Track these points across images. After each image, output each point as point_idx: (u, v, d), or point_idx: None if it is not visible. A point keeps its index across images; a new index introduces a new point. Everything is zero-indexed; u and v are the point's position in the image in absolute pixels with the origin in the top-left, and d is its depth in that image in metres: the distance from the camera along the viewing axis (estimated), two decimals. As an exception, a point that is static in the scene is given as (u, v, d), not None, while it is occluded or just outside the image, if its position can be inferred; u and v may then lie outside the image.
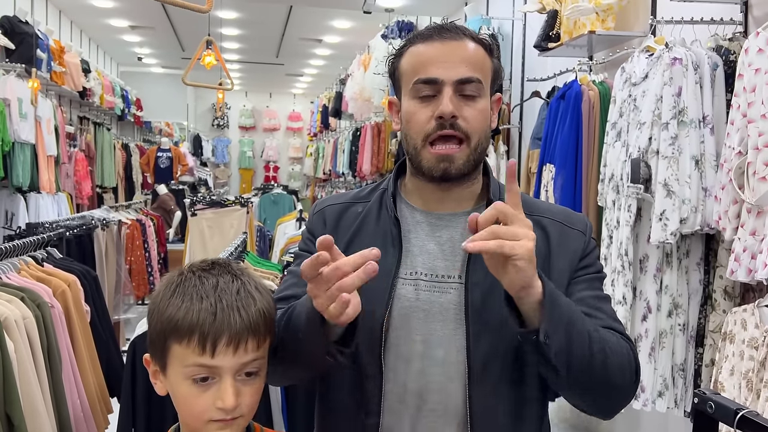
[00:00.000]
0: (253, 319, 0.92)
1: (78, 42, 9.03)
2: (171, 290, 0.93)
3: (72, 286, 2.50)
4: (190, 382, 0.91)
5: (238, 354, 0.90)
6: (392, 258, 1.09)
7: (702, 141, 2.35)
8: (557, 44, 3.44)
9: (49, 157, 5.95)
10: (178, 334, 0.90)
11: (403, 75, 1.12)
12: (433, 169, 1.08)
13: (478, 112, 1.08)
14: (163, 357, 0.93)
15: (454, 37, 1.08)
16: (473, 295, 1.07)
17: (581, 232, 1.16)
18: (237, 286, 0.94)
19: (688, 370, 2.50)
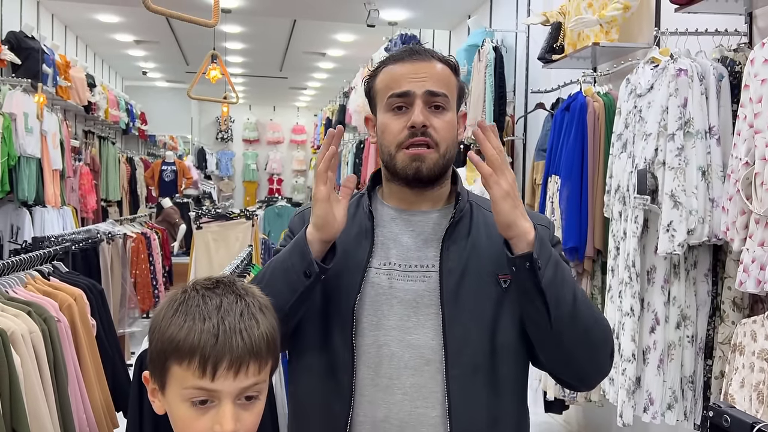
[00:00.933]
0: (256, 343, 0.90)
1: (83, 57, 9.10)
2: (173, 308, 0.91)
3: (78, 300, 2.50)
4: (188, 405, 0.88)
5: (238, 378, 0.88)
6: (364, 249, 1.19)
7: (708, 152, 2.34)
8: (561, 56, 3.44)
9: (54, 171, 5.97)
10: (178, 354, 0.88)
11: (377, 92, 1.23)
12: (407, 167, 1.18)
13: (446, 122, 1.19)
14: (163, 376, 0.91)
15: (423, 58, 1.21)
16: (448, 282, 1.16)
17: (546, 227, 1.26)
18: (241, 308, 0.91)
19: (697, 382, 2.48)
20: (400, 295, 1.17)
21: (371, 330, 1.16)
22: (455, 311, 1.15)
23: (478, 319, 1.15)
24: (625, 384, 2.53)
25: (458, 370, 1.13)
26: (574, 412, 3.96)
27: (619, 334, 2.62)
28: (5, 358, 1.82)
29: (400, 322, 1.16)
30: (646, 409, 2.52)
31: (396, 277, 1.18)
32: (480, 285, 1.17)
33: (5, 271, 2.38)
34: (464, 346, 1.14)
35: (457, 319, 1.14)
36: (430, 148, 1.17)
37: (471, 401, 1.14)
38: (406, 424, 1.14)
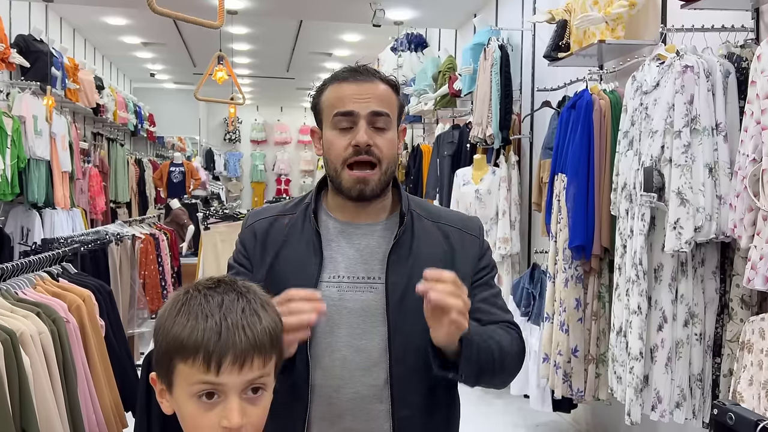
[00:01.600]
0: (259, 338, 0.91)
1: (92, 59, 9.15)
2: (176, 309, 0.93)
3: (87, 300, 2.52)
4: (195, 400, 0.90)
5: (243, 372, 0.90)
6: (314, 265, 1.28)
7: (715, 149, 2.33)
8: (567, 54, 3.44)
9: (63, 173, 6.01)
10: (183, 353, 0.89)
11: (323, 109, 1.30)
12: (351, 189, 1.27)
13: (388, 141, 1.27)
14: (169, 376, 0.92)
15: (367, 79, 1.28)
16: (393, 294, 1.26)
17: (476, 237, 1.38)
18: (242, 305, 0.93)
19: (705, 380, 2.46)
20: (349, 306, 1.27)
21: (324, 337, 1.26)
22: (399, 321, 1.26)
23: (420, 327, 1.21)
24: (633, 382, 2.52)
25: (400, 371, 1.26)
26: (582, 411, 3.95)
27: (626, 332, 2.61)
28: (15, 359, 1.83)
29: (350, 329, 1.27)
30: (654, 408, 2.51)
31: (345, 288, 1.28)
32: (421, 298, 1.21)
33: (15, 273, 2.40)
34: (406, 352, 1.25)
35: (400, 328, 1.26)
36: (374, 167, 1.26)
37: (410, 396, 1.27)
38: (358, 417, 1.26)
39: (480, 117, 4.48)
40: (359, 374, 1.26)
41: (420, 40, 7.00)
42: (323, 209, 1.35)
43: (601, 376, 3.10)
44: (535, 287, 3.78)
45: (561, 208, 3.20)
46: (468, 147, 4.90)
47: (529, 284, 3.83)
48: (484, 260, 1.37)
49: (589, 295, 3.14)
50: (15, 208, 5.52)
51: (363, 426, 1.27)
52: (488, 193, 4.42)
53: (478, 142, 4.60)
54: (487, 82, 4.39)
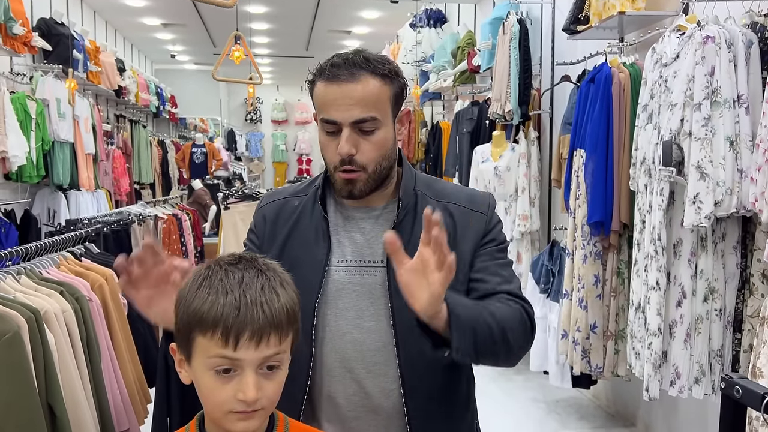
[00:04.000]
0: (276, 315, 0.93)
1: (113, 42, 9.22)
2: (198, 283, 0.94)
3: (109, 279, 2.57)
4: (212, 373, 0.92)
5: (260, 348, 0.92)
6: (323, 249, 1.30)
7: (737, 121, 2.28)
8: (586, 27, 3.37)
9: (87, 155, 6.10)
10: (202, 326, 0.92)
11: (315, 105, 1.29)
12: (342, 189, 1.29)
13: (374, 144, 1.25)
14: (188, 347, 0.95)
15: (349, 79, 1.22)
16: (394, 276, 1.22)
17: (483, 213, 1.35)
18: (262, 282, 0.94)
19: (725, 356, 2.44)
20: (357, 289, 1.29)
21: (335, 320, 1.29)
22: (401, 303, 1.21)
23: None
24: (651, 358, 2.51)
25: (407, 353, 1.26)
26: (602, 387, 3.95)
27: (645, 308, 2.59)
28: (39, 337, 1.88)
29: (359, 312, 1.29)
30: (672, 383, 2.50)
31: (352, 272, 1.30)
32: None
33: (38, 253, 2.46)
34: (410, 333, 1.22)
35: (403, 309, 1.22)
36: (359, 172, 1.26)
37: (420, 378, 1.28)
38: (372, 397, 1.29)
39: (499, 93, 4.43)
40: (370, 355, 1.28)
41: (439, 16, 6.91)
42: (330, 193, 1.36)
43: (619, 353, 3.10)
44: (554, 264, 3.77)
45: (580, 184, 3.17)
46: (487, 123, 4.86)
47: (548, 261, 3.81)
48: (491, 234, 1.34)
49: (607, 272, 3.12)
50: (41, 190, 5.62)
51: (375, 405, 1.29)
52: (507, 170, 4.39)
53: (497, 119, 4.56)
54: (506, 57, 4.33)
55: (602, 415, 3.91)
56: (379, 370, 1.28)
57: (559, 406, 3.99)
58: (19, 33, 4.72)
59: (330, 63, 1.25)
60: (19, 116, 4.78)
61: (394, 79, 1.26)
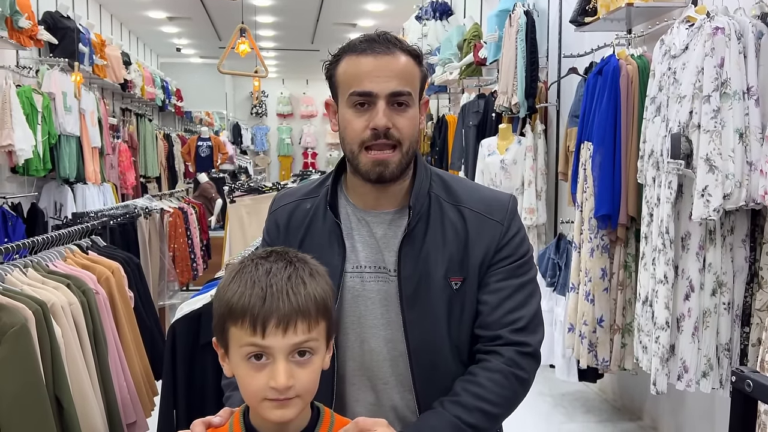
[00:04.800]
0: (302, 302, 0.95)
1: (118, 35, 9.22)
2: (231, 277, 0.99)
3: (116, 272, 2.57)
4: (246, 362, 0.95)
5: (287, 335, 0.94)
6: (338, 256, 1.25)
7: (746, 113, 2.26)
8: (594, 18, 3.34)
9: (93, 149, 6.11)
10: (233, 316, 0.95)
11: (339, 83, 1.22)
12: (370, 172, 1.21)
13: (409, 120, 1.20)
14: (225, 340, 0.99)
15: (386, 51, 1.18)
16: (406, 288, 1.22)
17: (499, 223, 1.27)
18: (288, 272, 0.97)
19: (734, 349, 2.43)
20: (372, 296, 1.26)
21: (353, 328, 1.26)
22: (412, 315, 1.23)
23: (433, 320, 1.23)
24: (659, 352, 2.50)
25: (420, 364, 1.23)
26: (609, 381, 3.94)
27: (652, 301, 2.58)
28: (47, 329, 1.89)
29: (375, 320, 1.26)
30: (680, 377, 2.49)
31: (366, 279, 1.26)
32: (434, 289, 1.23)
33: (45, 246, 2.46)
34: (422, 345, 1.23)
35: (415, 321, 1.23)
36: (394, 148, 1.19)
37: (433, 391, 1.22)
38: (388, 408, 1.26)
39: (505, 85, 4.41)
40: (387, 365, 1.26)
41: (445, 8, 6.88)
42: (342, 193, 1.31)
43: (626, 346, 3.08)
44: (560, 257, 3.75)
45: (587, 177, 3.15)
46: (493, 116, 4.84)
47: (554, 254, 3.80)
48: (506, 250, 1.25)
49: (614, 265, 3.10)
50: (48, 183, 5.64)
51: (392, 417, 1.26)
52: (514, 163, 4.37)
53: (503, 111, 4.53)
54: (513, 49, 4.30)
55: (609, 408, 3.90)
56: (395, 381, 1.26)
57: (565, 400, 3.99)
58: (25, 26, 4.72)
59: (361, 39, 1.21)
60: (25, 110, 4.79)
61: (421, 61, 1.24)
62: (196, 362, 1.80)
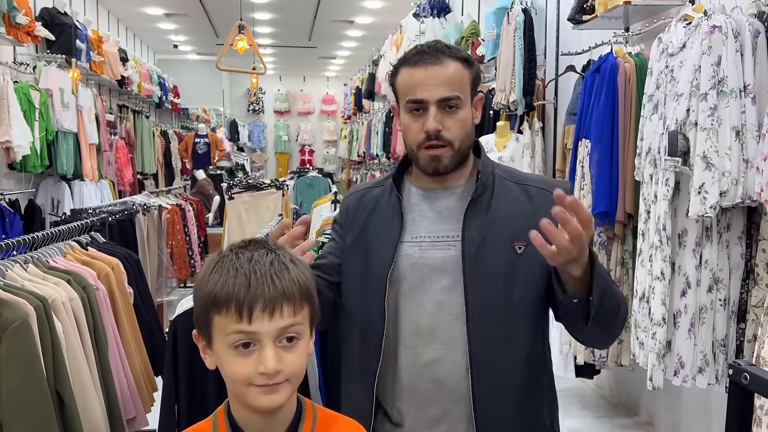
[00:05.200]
0: (287, 286, 0.95)
1: (115, 32, 9.20)
2: (211, 268, 0.98)
3: (115, 268, 2.58)
4: (233, 350, 0.94)
5: (274, 319, 0.94)
6: (395, 227, 1.38)
7: (743, 111, 2.28)
8: (592, 16, 3.36)
9: (91, 146, 6.10)
10: (217, 305, 0.95)
11: (398, 92, 1.38)
12: (427, 166, 1.36)
13: (459, 121, 1.33)
14: (208, 330, 0.98)
15: (435, 62, 1.32)
16: (468, 249, 1.32)
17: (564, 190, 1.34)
18: (270, 258, 0.97)
19: (729, 345, 2.45)
20: (430, 263, 1.35)
21: (407, 293, 1.35)
22: (475, 275, 1.32)
23: (494, 281, 1.32)
24: (655, 348, 2.52)
25: (476, 325, 1.31)
26: (605, 377, 3.96)
27: (649, 298, 2.60)
28: (47, 324, 1.90)
29: (433, 285, 1.34)
30: (676, 373, 2.51)
31: (426, 247, 1.36)
32: (496, 251, 1.33)
33: (45, 242, 2.47)
34: (481, 305, 1.31)
35: (476, 281, 1.31)
36: (447, 147, 1.33)
37: (486, 351, 1.31)
38: (439, 372, 1.33)
39: (503, 83, 4.42)
40: (443, 328, 1.33)
41: (443, 5, 6.88)
42: (408, 179, 1.46)
43: (623, 342, 3.10)
44: (558, 254, 3.77)
45: (584, 174, 3.16)
46: (491, 114, 4.85)
47: (552, 251, 3.81)
48: None
49: (612, 262, 3.12)
50: (45, 180, 5.63)
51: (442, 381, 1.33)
52: (512, 161, 4.38)
53: (501, 109, 4.55)
54: (510, 47, 4.32)
55: (605, 404, 3.93)
56: (448, 344, 1.32)
57: (562, 396, 3.99)
58: (23, 23, 4.72)
59: (414, 51, 1.36)
60: (22, 106, 4.78)
61: (472, 64, 1.37)
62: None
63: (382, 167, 8.94)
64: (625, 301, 1.31)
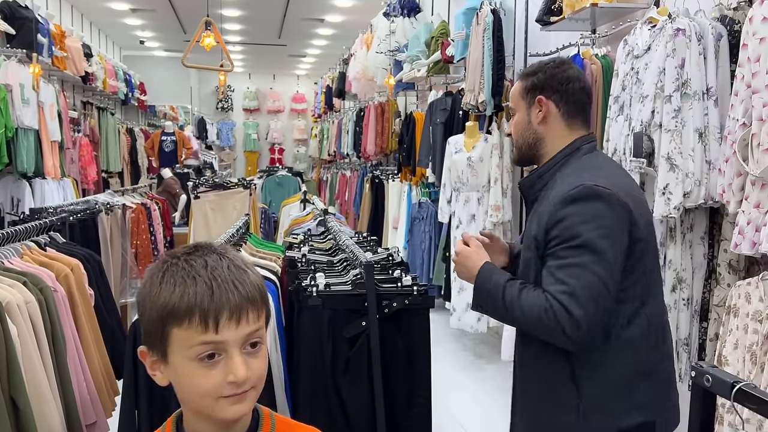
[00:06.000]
0: (250, 291, 0.92)
1: (79, 26, 9.00)
2: (159, 278, 0.92)
3: (75, 270, 2.51)
4: (196, 363, 0.90)
5: (240, 326, 0.91)
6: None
7: (706, 113, 2.31)
8: (559, 18, 3.38)
9: (53, 143, 5.95)
10: (177, 317, 0.89)
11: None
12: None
13: (514, 126, 1.67)
14: (163, 345, 0.92)
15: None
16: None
17: (552, 205, 1.49)
18: (226, 263, 0.94)
19: (692, 344, 2.48)
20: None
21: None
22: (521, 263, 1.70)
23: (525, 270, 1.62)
24: (621, 347, 2.54)
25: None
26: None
27: (615, 297, 2.62)
28: (2, 329, 1.83)
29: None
30: (641, 372, 2.53)
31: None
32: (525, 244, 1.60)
33: (1, 242, 2.39)
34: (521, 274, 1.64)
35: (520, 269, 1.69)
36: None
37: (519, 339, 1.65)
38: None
39: (472, 83, 4.43)
40: None
41: (413, 5, 6.89)
42: None
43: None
44: (526, 254, 3.79)
45: (552, 175, 3.18)
46: (461, 114, 4.86)
47: (520, 251, 3.84)
48: (554, 230, 1.46)
49: (579, 262, 3.14)
50: (4, 178, 5.47)
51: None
52: (480, 161, 4.40)
53: (470, 109, 4.56)
54: (479, 47, 4.33)
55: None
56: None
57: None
58: (-20, 15, 4.57)
59: None
60: (-20, 102, 4.64)
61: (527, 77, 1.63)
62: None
63: (352, 166, 8.91)
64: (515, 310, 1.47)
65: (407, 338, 1.93)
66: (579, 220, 1.40)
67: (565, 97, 1.57)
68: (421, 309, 1.95)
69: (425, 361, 1.95)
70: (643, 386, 1.47)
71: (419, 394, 1.94)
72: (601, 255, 1.38)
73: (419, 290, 1.96)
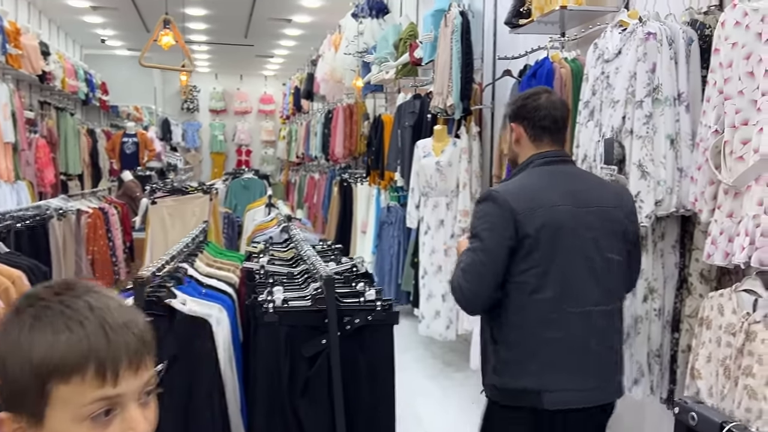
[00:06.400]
0: (144, 333, 0.81)
1: (36, 23, 8.70)
2: (27, 328, 0.77)
3: (17, 282, 2.35)
4: (88, 423, 0.77)
5: (139, 374, 0.79)
6: None
7: (677, 119, 2.26)
8: (528, 21, 3.32)
9: (6, 144, 5.71)
10: (63, 372, 0.76)
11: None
12: None
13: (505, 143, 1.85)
14: (40, 406, 0.77)
15: None
16: None
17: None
18: (112, 303, 0.81)
19: (664, 356, 2.43)
20: None
21: None
22: None
23: None
24: (591, 359, 2.47)
25: None
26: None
27: (585, 308, 2.55)
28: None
29: None
30: (612, 384, 2.47)
31: None
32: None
33: (-66, 254, 2.22)
34: None
35: None
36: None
37: None
38: None
39: (440, 86, 4.35)
40: None
41: (381, 6, 6.79)
42: None
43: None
44: (495, 261, 3.72)
45: (521, 181, 3.11)
46: (429, 117, 4.78)
47: (489, 258, 3.76)
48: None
49: (548, 270, 3.08)
50: (-48, 181, 5.23)
51: None
52: (449, 165, 4.32)
53: (438, 113, 4.48)
54: (448, 50, 4.25)
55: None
56: None
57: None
58: (-76, 10, 4.34)
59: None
60: (-76, 101, 4.40)
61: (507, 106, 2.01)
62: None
63: (321, 169, 8.78)
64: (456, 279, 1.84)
65: (370, 356, 1.83)
66: (475, 216, 1.86)
67: (532, 122, 1.92)
68: (385, 325, 1.85)
69: (389, 380, 1.85)
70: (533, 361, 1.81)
71: (381, 416, 1.84)
72: (485, 243, 1.80)
73: (383, 305, 1.86)
